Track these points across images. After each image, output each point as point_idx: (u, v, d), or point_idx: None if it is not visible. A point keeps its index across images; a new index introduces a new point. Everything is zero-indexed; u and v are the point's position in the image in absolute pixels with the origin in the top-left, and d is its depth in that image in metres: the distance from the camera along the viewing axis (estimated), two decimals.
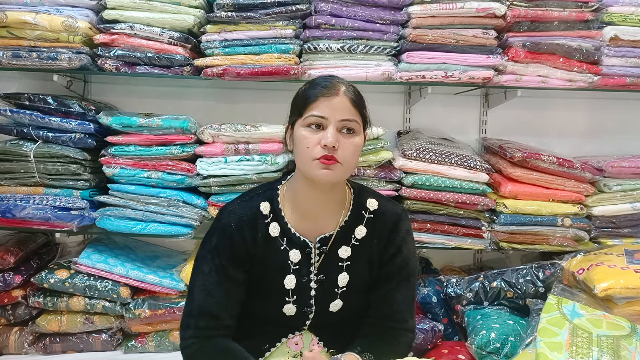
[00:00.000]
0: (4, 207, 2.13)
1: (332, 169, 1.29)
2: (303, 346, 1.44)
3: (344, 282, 1.41)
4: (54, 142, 2.15)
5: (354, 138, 1.33)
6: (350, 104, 1.32)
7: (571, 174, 2.25)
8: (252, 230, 1.39)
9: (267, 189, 1.46)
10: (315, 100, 1.31)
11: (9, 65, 2.09)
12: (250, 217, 1.39)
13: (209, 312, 1.35)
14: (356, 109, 1.33)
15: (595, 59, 2.22)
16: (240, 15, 2.11)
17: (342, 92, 1.32)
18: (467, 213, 2.24)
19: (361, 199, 1.45)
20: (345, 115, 1.31)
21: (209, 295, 1.35)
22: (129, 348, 2.19)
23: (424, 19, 2.15)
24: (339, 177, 1.33)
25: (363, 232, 1.42)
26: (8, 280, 2.15)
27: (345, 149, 1.30)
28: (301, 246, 1.40)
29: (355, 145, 1.33)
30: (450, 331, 2.19)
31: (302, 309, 1.41)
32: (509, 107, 2.52)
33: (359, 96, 1.36)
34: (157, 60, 2.12)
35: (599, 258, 2.04)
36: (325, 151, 1.28)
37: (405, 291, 1.43)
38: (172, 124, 2.14)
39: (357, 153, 1.35)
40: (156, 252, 2.47)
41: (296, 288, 1.39)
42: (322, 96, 1.31)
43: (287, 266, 1.39)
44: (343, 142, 1.30)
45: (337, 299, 1.41)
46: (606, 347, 1.60)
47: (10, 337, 2.16)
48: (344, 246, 1.41)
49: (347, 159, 1.31)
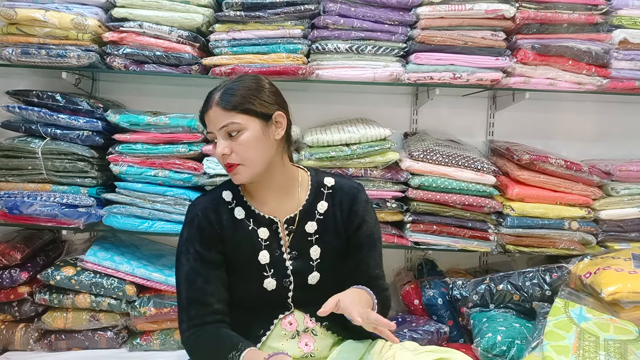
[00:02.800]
0: (12, 203, 2.14)
1: (237, 173, 1.42)
2: (298, 325, 1.48)
3: (316, 254, 1.50)
4: (61, 139, 2.16)
5: (241, 137, 1.39)
6: (223, 110, 1.39)
7: (579, 177, 2.24)
8: (217, 214, 1.49)
9: (227, 182, 1.56)
10: (204, 119, 1.45)
11: (18, 62, 2.11)
12: (214, 204, 1.50)
13: (196, 299, 1.43)
14: (232, 111, 1.39)
15: (604, 62, 2.22)
16: (249, 14, 2.11)
17: (215, 102, 1.40)
18: (474, 215, 2.23)
19: (318, 178, 1.56)
20: (221, 123, 1.39)
21: (192, 283, 1.44)
22: (134, 346, 2.20)
23: (433, 20, 2.14)
24: (248, 175, 1.42)
25: (325, 206, 1.52)
26: (14, 277, 2.15)
27: (237, 150, 1.40)
28: (268, 224, 1.50)
29: (244, 143, 1.39)
30: (456, 333, 2.18)
31: (282, 282, 1.48)
32: (516, 110, 2.52)
33: (232, 95, 1.39)
34: (165, 58, 2.12)
35: (606, 262, 2.03)
36: (224, 160, 1.41)
37: (376, 256, 1.54)
38: (179, 123, 2.15)
39: (253, 145, 1.40)
40: (161, 251, 2.47)
41: (271, 262, 1.48)
42: (204, 113, 1.44)
43: (257, 243, 1.49)
44: (233, 145, 1.40)
45: (314, 271, 1.50)
46: (613, 351, 1.59)
47: (15, 334, 2.17)
48: (310, 221, 1.51)
49: (244, 156, 1.40)
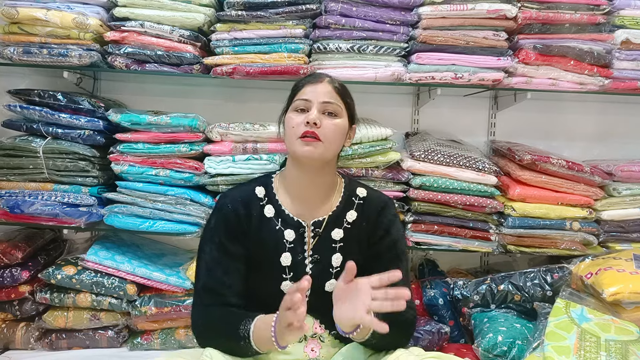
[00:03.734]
0: (13, 202, 2.14)
1: (313, 146, 1.40)
2: (307, 329, 1.46)
3: (337, 262, 1.49)
4: (63, 138, 2.16)
5: (336, 119, 1.44)
6: (333, 89, 1.46)
7: (580, 177, 2.24)
8: (247, 209, 1.49)
9: (262, 177, 1.59)
10: (301, 88, 1.48)
11: (19, 61, 2.11)
12: (245, 198, 1.51)
13: (212, 288, 1.44)
14: (338, 95, 1.46)
15: (606, 62, 2.22)
16: (251, 14, 2.11)
17: (326, 80, 1.47)
18: (475, 215, 2.23)
19: (351, 187, 1.58)
20: (327, 98, 1.44)
21: (211, 272, 1.45)
22: (134, 345, 2.20)
23: (435, 20, 2.14)
24: (320, 153, 1.42)
25: (354, 216, 1.53)
26: (15, 276, 2.15)
27: (326, 128, 1.41)
28: (295, 226, 1.50)
29: (336, 125, 1.44)
30: (457, 334, 2.18)
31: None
32: (518, 110, 2.51)
33: (343, 87, 1.50)
34: (166, 58, 2.12)
35: (608, 262, 2.02)
36: (307, 127, 1.40)
37: (400, 271, 1.44)
38: (180, 122, 2.14)
39: (339, 133, 1.45)
40: (162, 250, 2.48)
41: (292, 265, 1.48)
42: (308, 84, 1.47)
43: (282, 244, 1.48)
44: (325, 121, 1.42)
45: (332, 279, 1.49)
46: (614, 351, 1.59)
47: (16, 333, 2.17)
48: (337, 229, 1.51)
49: (328, 137, 1.41)
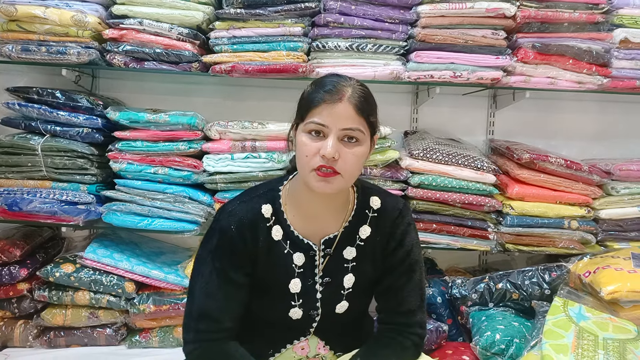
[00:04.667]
0: (11, 200, 2.14)
1: (329, 182, 1.22)
2: (309, 350, 1.43)
3: (349, 283, 1.37)
4: (61, 136, 2.16)
5: (357, 148, 1.24)
6: (355, 111, 1.22)
7: (579, 176, 2.24)
8: (254, 233, 1.33)
9: (268, 189, 1.39)
10: (317, 106, 1.22)
11: (18, 59, 2.10)
12: (252, 219, 1.33)
13: (209, 315, 1.31)
14: (361, 116, 1.23)
15: (604, 61, 2.22)
16: (249, 12, 2.11)
17: (347, 97, 1.22)
18: (474, 214, 2.23)
19: (364, 198, 1.40)
20: (348, 124, 1.21)
21: (209, 298, 1.31)
22: (132, 343, 2.20)
23: (433, 18, 2.14)
24: (337, 188, 1.25)
25: (368, 232, 1.38)
26: (14, 274, 2.15)
27: (346, 160, 1.22)
28: (305, 249, 1.36)
29: (357, 155, 1.24)
30: (455, 332, 2.18)
31: (309, 312, 1.38)
32: (517, 109, 2.52)
33: (366, 101, 1.25)
34: (165, 56, 2.12)
35: (606, 261, 2.03)
36: (323, 161, 1.21)
37: (411, 283, 1.38)
38: (179, 120, 2.14)
39: (360, 163, 1.27)
40: (161, 248, 2.48)
41: (302, 292, 1.36)
42: (325, 102, 1.22)
43: (291, 270, 1.35)
44: (344, 152, 1.22)
45: (343, 301, 1.38)
46: (612, 350, 1.59)
47: (15, 330, 2.17)
48: (349, 247, 1.37)
49: (347, 170, 1.23)
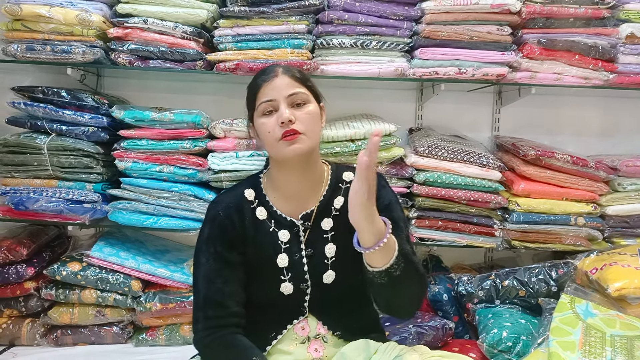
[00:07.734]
0: (17, 199, 2.15)
1: (297, 142, 1.35)
2: (309, 331, 1.47)
3: (331, 252, 1.45)
4: (67, 135, 2.17)
5: (307, 107, 1.38)
6: (292, 79, 1.38)
7: (585, 172, 2.23)
8: (240, 214, 1.45)
9: (249, 178, 1.54)
10: (260, 89, 1.38)
11: (23, 58, 2.11)
12: (236, 203, 1.46)
13: (214, 300, 1.39)
14: (299, 82, 1.39)
15: (611, 56, 2.20)
16: (254, 10, 2.11)
17: (281, 72, 1.39)
18: (479, 211, 2.22)
19: (338, 173, 1.51)
20: (290, 90, 1.37)
21: (211, 283, 1.40)
22: (139, 341, 2.20)
23: (438, 14, 2.13)
24: (308, 147, 1.37)
25: (341, 202, 1.46)
26: (20, 272, 2.16)
27: (302, 119, 1.36)
28: (289, 226, 1.46)
29: (310, 114, 1.38)
30: (461, 329, 2.18)
31: (299, 286, 1.44)
32: (522, 105, 2.50)
33: (299, 71, 1.42)
34: (170, 54, 2.12)
35: (613, 258, 2.02)
36: (284, 127, 1.34)
37: (398, 238, 1.28)
38: (184, 119, 2.15)
39: (315, 121, 1.39)
40: (166, 246, 2.48)
41: (289, 266, 1.44)
42: (264, 82, 1.38)
43: (277, 246, 1.44)
44: (297, 114, 1.36)
45: (328, 270, 1.45)
46: (620, 347, 1.58)
47: (22, 329, 2.18)
48: (326, 218, 1.46)
49: (307, 127, 1.36)
